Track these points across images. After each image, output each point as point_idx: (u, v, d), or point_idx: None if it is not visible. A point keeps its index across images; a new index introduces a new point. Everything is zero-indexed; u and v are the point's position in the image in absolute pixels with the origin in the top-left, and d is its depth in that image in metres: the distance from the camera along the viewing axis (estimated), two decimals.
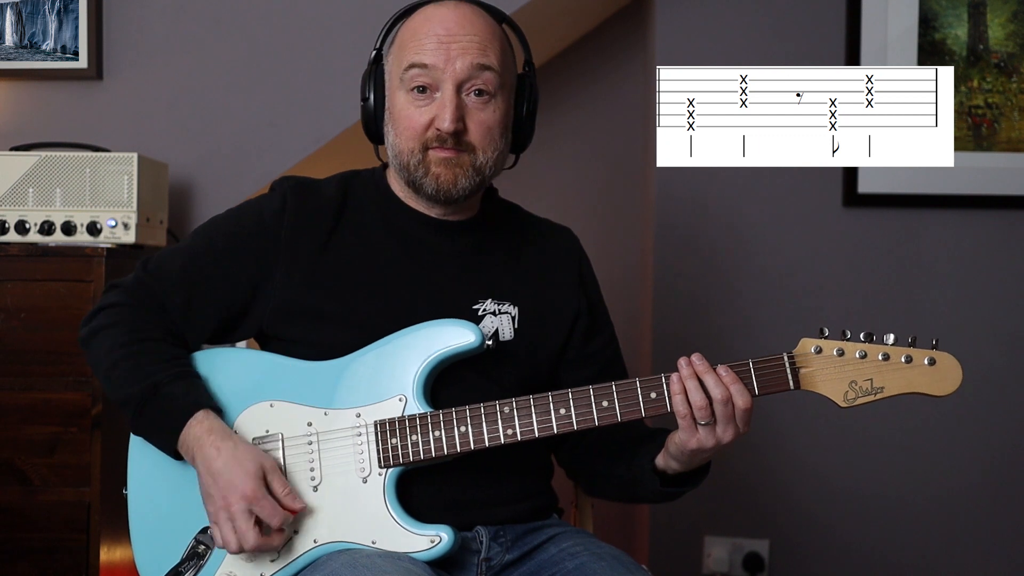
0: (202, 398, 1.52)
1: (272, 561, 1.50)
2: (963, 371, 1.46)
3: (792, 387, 1.48)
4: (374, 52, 1.64)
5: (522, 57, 1.67)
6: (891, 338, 1.47)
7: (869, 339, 1.47)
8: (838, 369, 1.47)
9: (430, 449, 1.50)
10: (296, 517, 1.51)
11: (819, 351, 1.48)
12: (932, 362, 1.46)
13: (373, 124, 1.64)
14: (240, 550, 1.46)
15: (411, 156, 1.57)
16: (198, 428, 1.49)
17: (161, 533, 1.55)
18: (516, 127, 1.64)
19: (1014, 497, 2.61)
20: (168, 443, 1.52)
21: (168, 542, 1.54)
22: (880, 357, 1.47)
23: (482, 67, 1.55)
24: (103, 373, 1.58)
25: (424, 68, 1.55)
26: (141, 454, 1.58)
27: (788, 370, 1.47)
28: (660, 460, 1.55)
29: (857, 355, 1.47)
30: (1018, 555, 2.61)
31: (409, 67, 1.56)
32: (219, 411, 1.53)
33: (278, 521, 1.46)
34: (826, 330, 1.49)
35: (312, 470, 1.52)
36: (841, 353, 1.47)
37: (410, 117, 1.57)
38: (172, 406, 1.50)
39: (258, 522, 1.46)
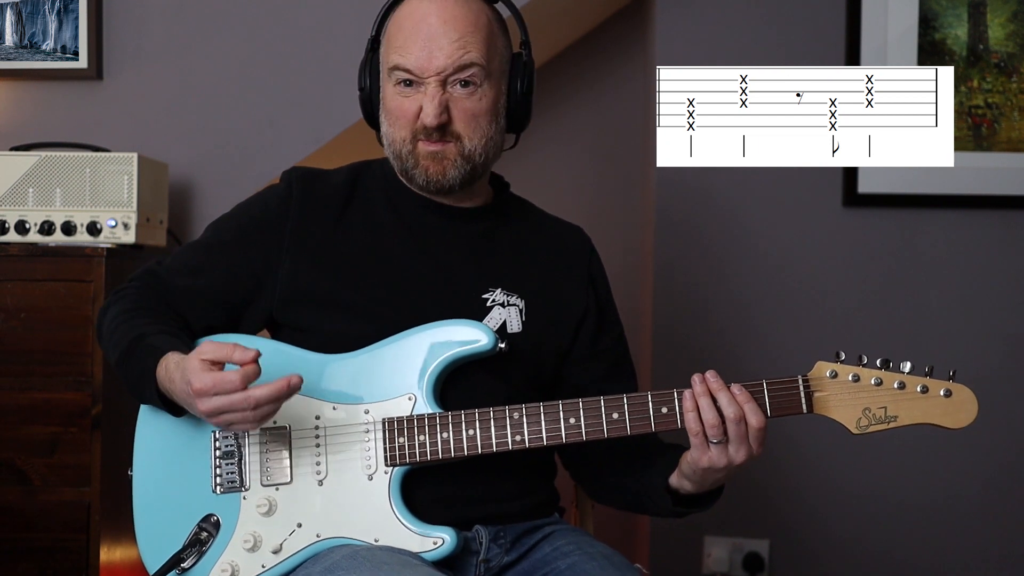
0: (179, 349, 1.47)
1: (274, 553, 1.50)
2: (978, 402, 1.43)
3: (805, 410, 1.46)
4: (370, 39, 1.64)
5: (518, 37, 1.66)
6: (907, 366, 1.45)
7: (885, 366, 1.45)
8: (852, 395, 1.45)
9: (437, 450, 1.50)
10: (299, 513, 1.51)
11: (834, 375, 1.46)
12: (948, 394, 1.44)
13: (370, 110, 1.65)
14: (254, 423, 1.40)
15: (403, 145, 1.58)
16: (160, 374, 1.46)
17: (164, 517, 1.55)
18: (513, 107, 1.63)
19: (1014, 496, 2.61)
20: (147, 394, 1.49)
21: (171, 526, 1.54)
22: (896, 385, 1.44)
23: (463, 66, 1.55)
24: (105, 342, 1.59)
25: (407, 71, 1.56)
26: (148, 436, 1.58)
27: (802, 393, 1.46)
28: (673, 479, 1.54)
29: (872, 382, 1.45)
30: (1018, 556, 2.61)
31: (393, 68, 1.57)
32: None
33: (241, 380, 1.37)
34: (842, 354, 1.47)
35: (318, 464, 1.52)
36: (856, 379, 1.45)
37: (400, 107, 1.58)
38: (149, 355, 1.48)
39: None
